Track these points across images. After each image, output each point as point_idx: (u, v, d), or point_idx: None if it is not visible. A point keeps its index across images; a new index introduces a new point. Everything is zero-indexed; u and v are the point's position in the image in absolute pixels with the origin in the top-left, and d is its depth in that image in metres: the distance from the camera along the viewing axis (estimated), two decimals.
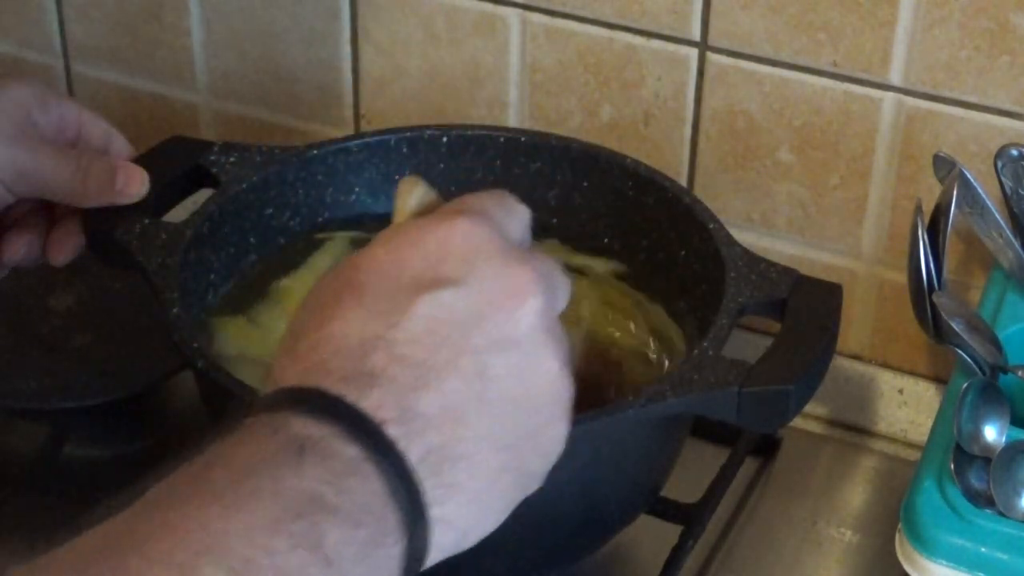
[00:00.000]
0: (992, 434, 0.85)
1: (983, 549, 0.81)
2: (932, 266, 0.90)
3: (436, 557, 0.59)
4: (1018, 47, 0.93)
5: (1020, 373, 0.88)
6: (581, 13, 1.04)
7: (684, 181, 1.06)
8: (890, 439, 1.05)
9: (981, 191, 0.92)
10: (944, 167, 0.94)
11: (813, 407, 1.06)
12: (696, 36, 1.01)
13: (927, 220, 0.92)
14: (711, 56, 1.02)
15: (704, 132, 1.04)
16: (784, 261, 0.88)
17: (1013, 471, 0.83)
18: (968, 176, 0.92)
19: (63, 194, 0.88)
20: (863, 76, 0.98)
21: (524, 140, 0.98)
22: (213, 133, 1.21)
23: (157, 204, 0.90)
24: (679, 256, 0.93)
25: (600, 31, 1.04)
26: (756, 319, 0.88)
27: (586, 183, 0.97)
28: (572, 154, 0.97)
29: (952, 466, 0.84)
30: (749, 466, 1.00)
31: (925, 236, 0.90)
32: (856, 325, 1.06)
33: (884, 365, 1.06)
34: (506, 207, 0.66)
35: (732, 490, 0.97)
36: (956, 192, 0.91)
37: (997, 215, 0.93)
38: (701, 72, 1.02)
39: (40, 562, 0.53)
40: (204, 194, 0.92)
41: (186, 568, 0.52)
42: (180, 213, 0.90)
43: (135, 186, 0.88)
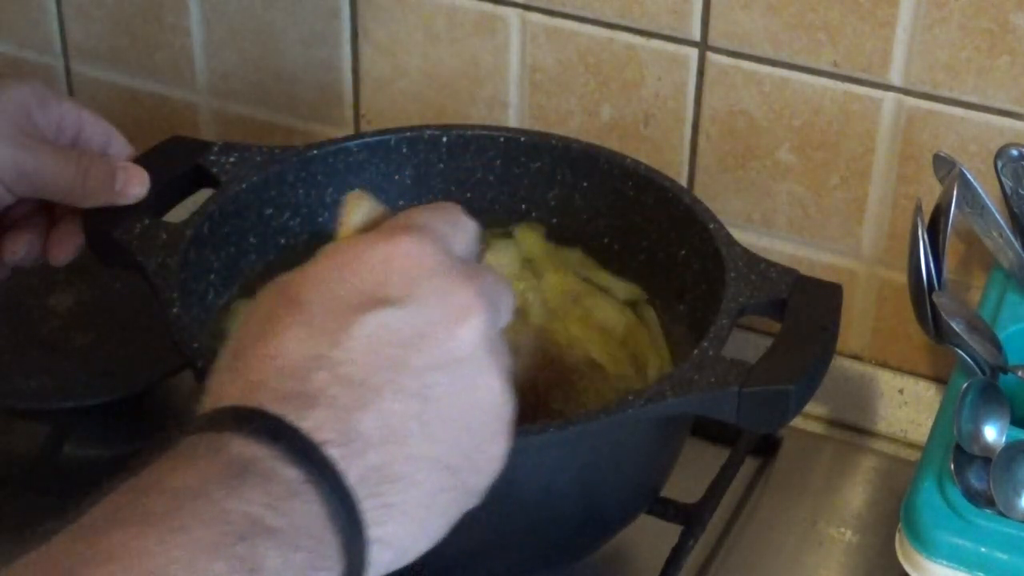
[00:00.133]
0: (992, 434, 0.85)
1: (983, 549, 0.81)
2: (932, 266, 0.90)
3: (374, 574, 0.59)
4: (1018, 47, 0.93)
5: (1020, 373, 0.88)
6: (581, 13, 1.04)
7: (684, 181, 1.06)
8: (890, 439, 1.05)
9: (981, 191, 0.92)
10: (944, 167, 0.94)
11: (813, 407, 1.06)
12: (696, 36, 1.01)
13: (927, 220, 0.92)
14: (711, 56, 1.02)
15: (704, 132, 1.04)
16: (784, 261, 0.89)
17: (1013, 471, 0.83)
18: (968, 176, 0.92)
19: (63, 194, 0.88)
20: (863, 76, 0.98)
21: (524, 140, 0.98)
22: (213, 133, 1.21)
23: (157, 204, 0.90)
24: (679, 256, 0.93)
25: (600, 31, 1.04)
26: (756, 319, 0.88)
27: (586, 183, 0.97)
28: (572, 154, 0.97)
29: (952, 466, 0.84)
30: (749, 466, 1.00)
31: (925, 236, 0.90)
32: (856, 325, 1.06)
33: (884, 365, 1.06)
34: (452, 221, 0.66)
35: (732, 490, 0.97)
36: (956, 192, 0.91)
37: (997, 215, 0.93)
38: (701, 72, 1.02)
39: None
40: (204, 194, 0.92)
41: None
42: (180, 213, 0.90)
43: (135, 186, 0.88)
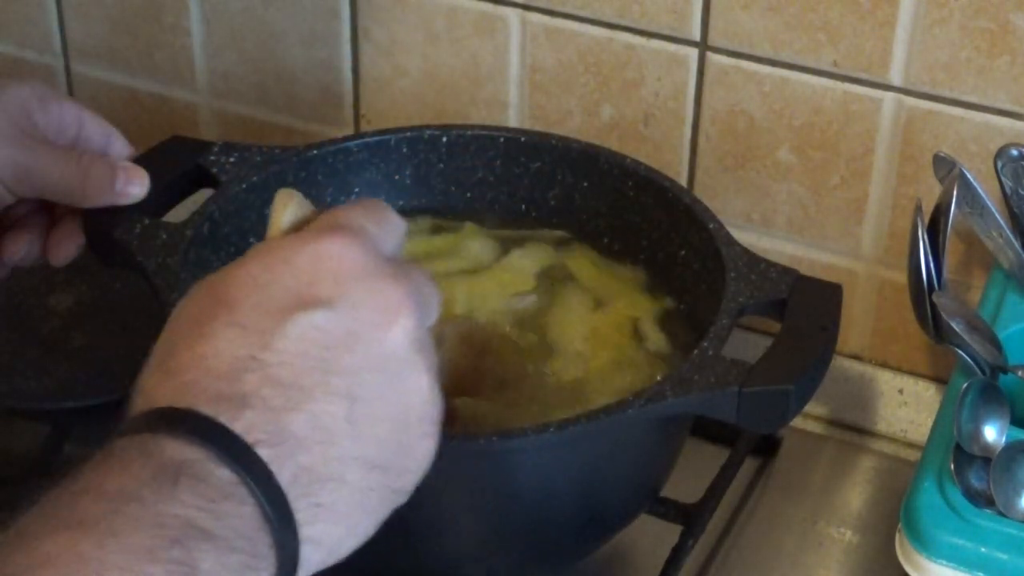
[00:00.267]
0: (992, 434, 0.85)
1: (983, 549, 0.81)
2: (932, 266, 0.90)
3: (303, 575, 0.60)
4: (1018, 47, 0.93)
5: (1020, 373, 0.88)
6: (581, 13, 1.04)
7: (684, 181, 1.06)
8: (890, 439, 1.05)
9: (981, 191, 0.92)
10: (944, 167, 0.94)
11: (813, 407, 1.06)
12: (696, 36, 1.01)
13: (927, 220, 0.92)
14: (711, 56, 1.02)
15: (704, 132, 1.04)
16: (784, 261, 0.89)
17: (1013, 471, 0.83)
18: (968, 176, 0.92)
19: (63, 194, 0.88)
20: (863, 76, 0.98)
21: (524, 140, 0.98)
22: (213, 133, 1.21)
23: (157, 204, 0.90)
24: (679, 256, 0.93)
25: (600, 31, 1.04)
26: (756, 319, 0.88)
27: (586, 183, 0.97)
28: (572, 154, 0.97)
29: (952, 466, 0.84)
30: (749, 466, 1.00)
31: (925, 236, 0.90)
32: (856, 325, 1.06)
33: (884, 365, 1.06)
34: (379, 220, 0.66)
35: (732, 490, 0.97)
36: (956, 192, 0.91)
37: (997, 215, 0.93)
38: (701, 72, 1.02)
39: None
40: (204, 194, 0.92)
41: None
42: (180, 213, 0.90)
43: (135, 186, 0.88)
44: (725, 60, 1.01)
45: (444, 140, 0.98)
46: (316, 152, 0.96)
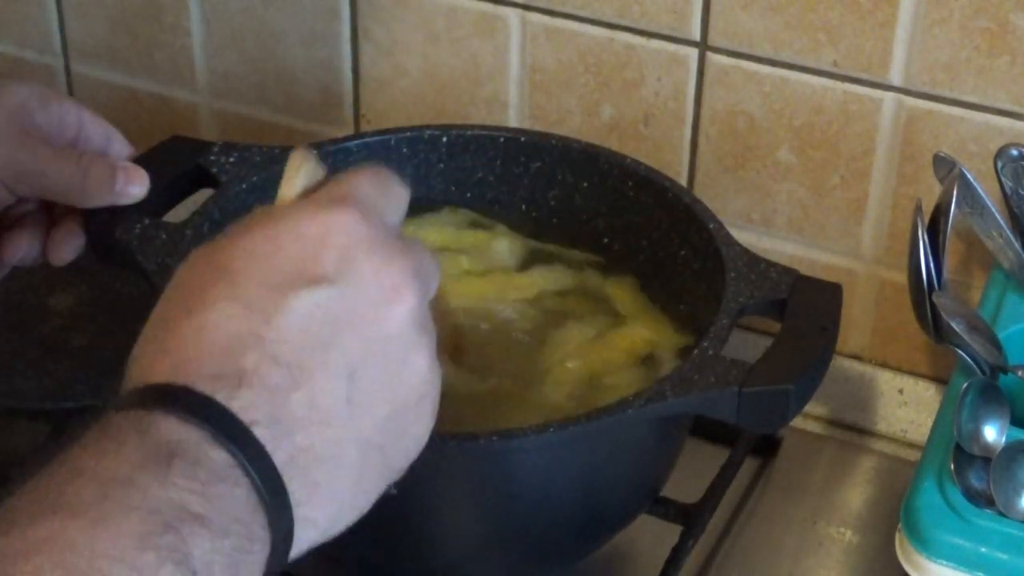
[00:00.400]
0: (992, 434, 0.85)
1: (983, 549, 0.81)
2: (932, 266, 0.90)
3: (295, 554, 0.59)
4: (1018, 47, 0.93)
5: (1020, 373, 0.88)
6: (581, 13, 1.04)
7: (684, 181, 1.06)
8: (890, 439, 1.05)
9: (981, 191, 0.92)
10: (944, 167, 0.94)
11: (813, 407, 1.06)
12: (696, 36, 1.01)
13: (927, 220, 0.91)
14: (711, 56, 1.02)
15: (704, 132, 1.04)
16: (784, 261, 0.89)
17: (1013, 471, 0.83)
18: (968, 176, 0.92)
19: (63, 194, 0.88)
20: (863, 76, 0.98)
21: (524, 140, 0.98)
22: (213, 133, 1.21)
23: (157, 204, 0.90)
24: (679, 256, 0.93)
25: (600, 31, 1.04)
26: (756, 319, 0.88)
27: (586, 183, 0.97)
28: (572, 154, 0.97)
29: (952, 466, 0.84)
30: (749, 466, 1.00)
31: (925, 236, 0.90)
32: (856, 325, 1.06)
33: (884, 365, 1.06)
34: (386, 190, 0.65)
35: (732, 490, 0.97)
36: (956, 192, 0.91)
37: (997, 215, 0.93)
38: (701, 72, 1.02)
39: None
40: (204, 194, 0.92)
41: None
42: (180, 213, 0.90)
43: (135, 186, 0.88)
44: (725, 60, 1.01)
45: (444, 140, 0.98)
46: (316, 152, 0.96)
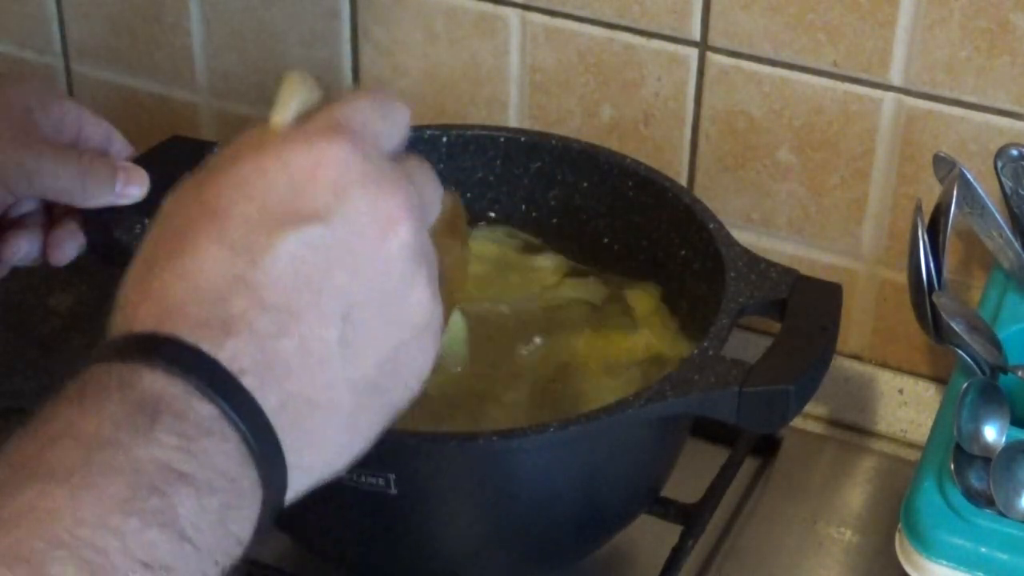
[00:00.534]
0: (992, 434, 0.85)
1: (983, 549, 0.81)
2: (932, 266, 0.90)
3: (289, 500, 0.57)
4: (1018, 47, 0.93)
5: (1020, 373, 0.88)
6: (581, 13, 1.04)
7: (684, 181, 1.06)
8: (890, 439, 1.05)
9: (981, 191, 0.92)
10: (944, 167, 0.94)
11: (813, 407, 1.06)
12: (696, 36, 1.01)
13: (927, 220, 0.91)
14: (711, 56, 1.02)
15: (704, 132, 1.04)
16: (784, 261, 0.89)
17: (1013, 471, 0.83)
18: (968, 176, 0.92)
19: (63, 194, 0.88)
20: (863, 76, 0.98)
21: (524, 140, 0.98)
22: (213, 133, 1.21)
23: (157, 204, 0.90)
24: (679, 256, 0.93)
25: (600, 31, 1.04)
26: (756, 319, 0.88)
27: (586, 183, 0.97)
28: (572, 154, 0.97)
29: (952, 466, 0.84)
30: (749, 466, 1.00)
31: (925, 236, 0.90)
32: (856, 325, 1.06)
33: (884, 365, 1.06)
34: (386, 114, 0.62)
35: (732, 490, 0.97)
36: (956, 192, 0.91)
37: (997, 215, 0.93)
38: (701, 72, 1.02)
39: None
40: None
41: (34, 564, 0.49)
42: None
43: (135, 186, 0.88)
44: (725, 60, 1.01)
45: (444, 140, 0.98)
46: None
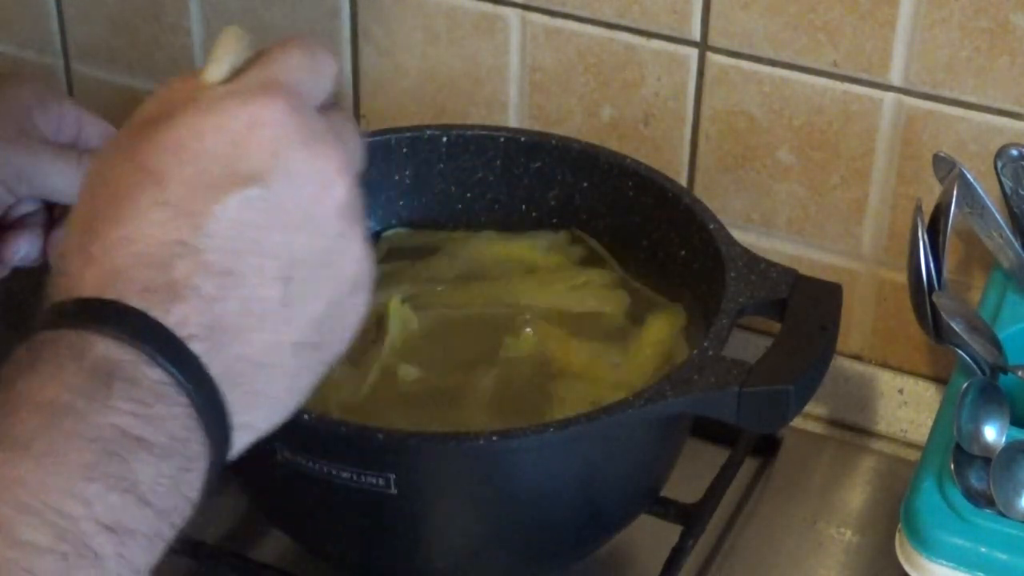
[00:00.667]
0: (992, 434, 0.85)
1: (983, 549, 0.81)
2: (932, 266, 0.90)
3: (231, 458, 0.59)
4: (1018, 47, 0.93)
5: (1020, 373, 0.88)
6: (581, 13, 1.04)
7: (684, 181, 1.06)
8: (890, 439, 1.05)
9: (981, 191, 0.92)
10: (944, 167, 0.94)
11: (813, 407, 1.06)
12: (696, 36, 1.01)
13: (927, 220, 0.91)
14: (711, 56, 1.02)
15: (704, 132, 1.04)
16: (784, 261, 0.89)
17: (1013, 471, 0.83)
18: (968, 176, 0.92)
19: (63, 194, 0.88)
20: (863, 76, 0.98)
21: (524, 140, 0.98)
22: None
23: None
24: (679, 256, 0.93)
25: (600, 31, 1.04)
26: (756, 319, 0.88)
27: (586, 183, 0.97)
28: (572, 154, 0.97)
29: (952, 466, 0.84)
30: (749, 466, 1.00)
31: (925, 236, 0.90)
32: (856, 325, 1.06)
33: (884, 365, 1.06)
34: (315, 66, 0.63)
35: (732, 490, 0.97)
36: (956, 192, 0.91)
37: (997, 215, 0.93)
38: (701, 72, 1.02)
39: None
40: None
41: (5, 530, 0.51)
42: None
43: None
44: (725, 60, 1.01)
45: (444, 140, 0.98)
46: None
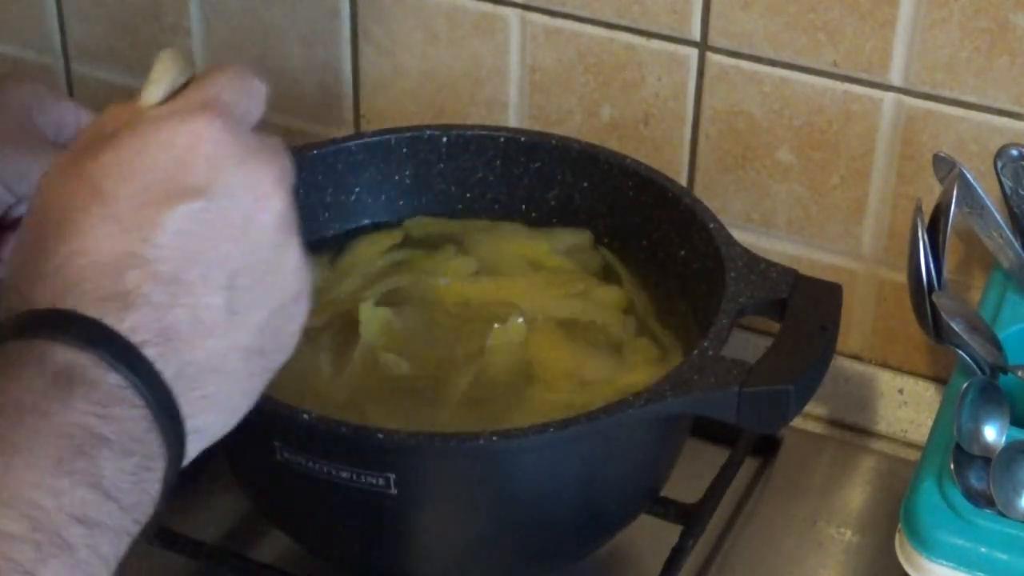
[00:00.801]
0: (992, 434, 0.85)
1: (983, 549, 0.81)
2: (932, 266, 0.90)
3: (185, 462, 0.61)
4: (1018, 47, 0.93)
5: (1020, 373, 0.88)
6: (581, 13, 1.04)
7: (684, 181, 1.06)
8: (890, 439, 1.05)
9: (981, 191, 0.92)
10: (944, 167, 0.94)
11: (813, 407, 1.06)
12: (696, 36, 1.01)
13: (927, 220, 0.91)
14: (711, 56, 1.02)
15: (704, 132, 1.04)
16: (784, 261, 0.89)
17: (1013, 471, 0.83)
18: (968, 176, 0.92)
19: None
20: (863, 76, 0.98)
21: (524, 140, 0.98)
22: None
23: None
24: (679, 256, 0.93)
25: (600, 31, 1.04)
26: (756, 319, 0.88)
27: (586, 183, 0.97)
28: (572, 154, 0.97)
29: (952, 466, 0.84)
30: (749, 466, 1.00)
31: (925, 236, 0.90)
32: (856, 325, 1.06)
33: (884, 365, 1.06)
34: (246, 90, 0.66)
35: (732, 490, 0.97)
36: (956, 192, 0.91)
37: (997, 215, 0.93)
38: (701, 72, 1.02)
39: None
40: None
41: None
42: None
43: None
44: (725, 60, 1.01)
45: (444, 140, 0.98)
46: (316, 152, 0.96)
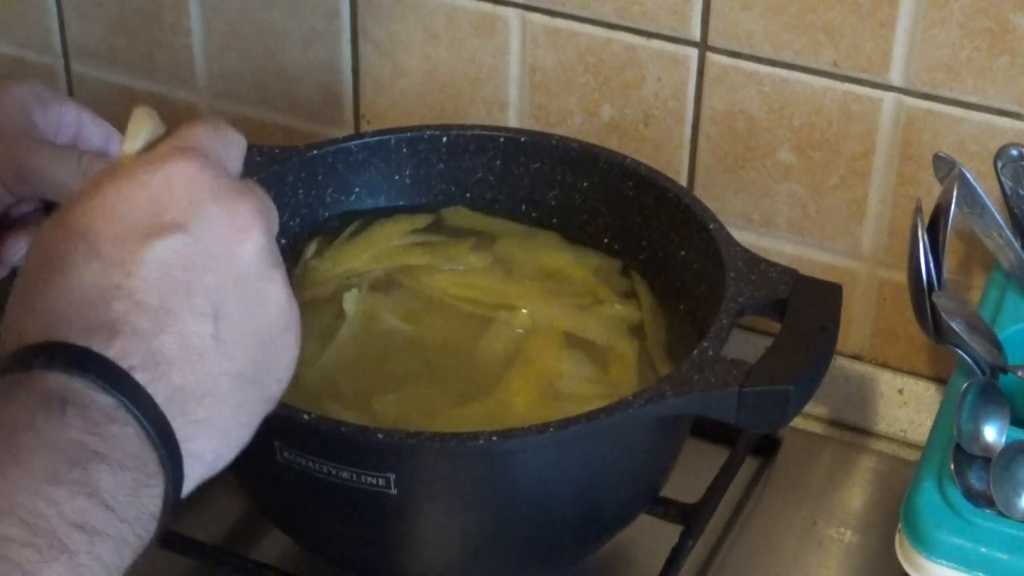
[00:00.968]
0: (992, 434, 0.85)
1: (983, 549, 0.81)
2: (932, 266, 0.90)
3: (188, 488, 0.62)
4: (1018, 47, 0.93)
5: (1020, 373, 0.88)
6: (581, 13, 1.04)
7: (684, 181, 1.06)
8: (890, 439, 1.05)
9: (981, 191, 0.92)
10: (944, 167, 0.94)
11: (813, 407, 1.06)
12: (696, 36, 1.01)
13: (927, 220, 0.92)
14: (711, 56, 1.02)
15: (704, 132, 1.04)
16: (784, 261, 0.89)
17: (1013, 471, 0.83)
18: (968, 176, 0.92)
19: (63, 194, 0.87)
20: (863, 76, 0.98)
21: (524, 140, 0.98)
22: None
23: None
24: (679, 256, 0.93)
25: (600, 31, 1.04)
26: (756, 319, 0.88)
27: (586, 183, 0.97)
28: (572, 154, 0.97)
29: (952, 466, 0.84)
30: (749, 466, 1.00)
31: (925, 236, 0.90)
32: (856, 325, 1.06)
33: (884, 365, 1.06)
34: (224, 140, 0.68)
35: (732, 490, 0.97)
36: (956, 192, 0.91)
37: (997, 215, 0.93)
38: (701, 72, 1.02)
39: None
40: None
41: None
42: None
43: None
44: (725, 60, 1.01)
45: (444, 140, 0.98)
46: (316, 152, 0.96)
